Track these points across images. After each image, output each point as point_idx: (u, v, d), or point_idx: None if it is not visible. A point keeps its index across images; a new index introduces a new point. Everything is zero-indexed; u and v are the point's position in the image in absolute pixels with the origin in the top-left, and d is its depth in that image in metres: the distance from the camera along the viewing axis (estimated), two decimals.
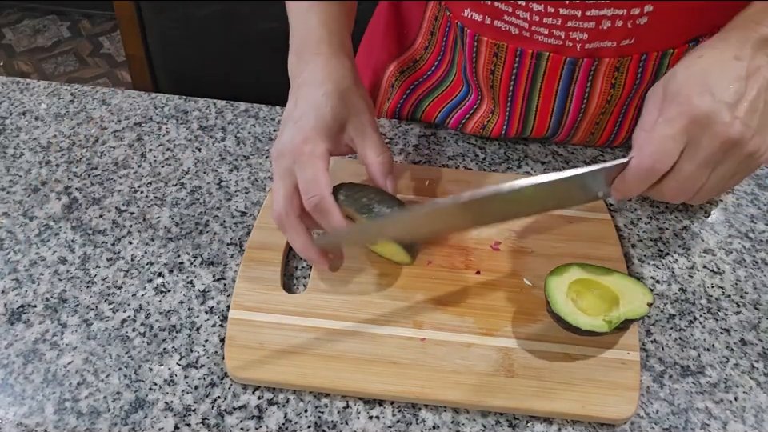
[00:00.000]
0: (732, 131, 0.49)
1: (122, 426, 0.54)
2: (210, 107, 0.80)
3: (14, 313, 0.61)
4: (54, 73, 2.28)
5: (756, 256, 0.67)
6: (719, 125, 0.49)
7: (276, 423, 0.55)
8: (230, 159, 0.74)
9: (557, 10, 0.61)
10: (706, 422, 0.56)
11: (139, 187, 0.71)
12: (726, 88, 0.49)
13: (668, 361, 0.59)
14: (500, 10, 0.64)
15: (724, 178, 0.52)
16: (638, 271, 0.66)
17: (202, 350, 0.59)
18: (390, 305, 0.60)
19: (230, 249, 0.66)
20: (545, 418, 0.55)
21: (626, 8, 0.60)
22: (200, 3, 1.11)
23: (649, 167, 0.51)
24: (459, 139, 0.78)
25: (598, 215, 0.68)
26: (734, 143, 0.50)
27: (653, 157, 0.50)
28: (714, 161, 0.51)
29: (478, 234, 0.66)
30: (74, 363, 0.57)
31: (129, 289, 0.63)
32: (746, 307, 0.63)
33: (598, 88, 0.68)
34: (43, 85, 0.82)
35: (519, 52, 0.67)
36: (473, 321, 0.60)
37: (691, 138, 0.50)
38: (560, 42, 0.64)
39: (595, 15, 0.61)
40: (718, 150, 0.50)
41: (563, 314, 0.56)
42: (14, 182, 0.71)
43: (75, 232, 0.67)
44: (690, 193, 0.53)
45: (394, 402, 0.56)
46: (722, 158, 0.50)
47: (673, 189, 0.53)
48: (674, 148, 0.50)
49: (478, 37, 0.68)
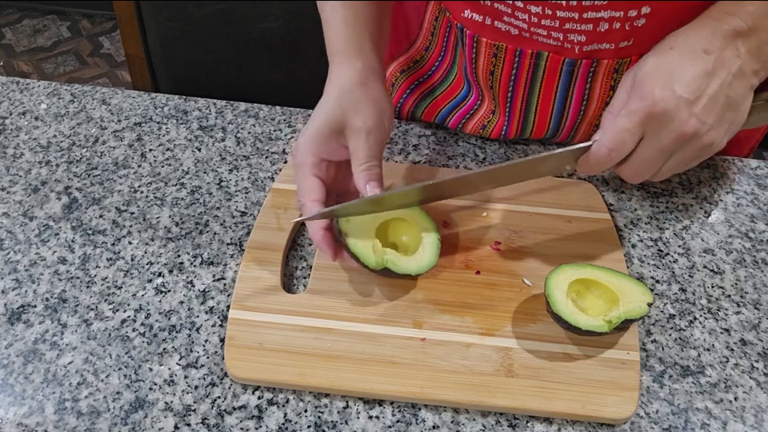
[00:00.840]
0: (687, 127, 0.52)
1: (121, 426, 0.54)
2: (209, 107, 0.80)
3: (14, 313, 0.61)
4: (54, 73, 2.28)
5: (756, 256, 0.67)
6: (676, 121, 0.52)
7: (276, 423, 0.55)
8: (230, 159, 0.74)
9: (554, 12, 0.61)
10: (706, 422, 0.56)
11: (139, 187, 0.71)
12: (688, 84, 0.52)
13: (668, 361, 0.59)
14: (500, 11, 0.64)
15: (681, 163, 0.55)
16: (638, 271, 0.66)
17: (201, 350, 0.59)
18: (390, 305, 0.60)
19: (230, 249, 0.66)
20: (545, 418, 0.55)
21: (623, 10, 0.60)
22: (200, 3, 1.11)
23: (605, 155, 0.54)
24: (459, 139, 0.78)
25: (597, 215, 0.68)
26: (689, 137, 0.53)
27: (609, 146, 0.54)
28: (669, 150, 0.54)
29: (478, 233, 0.66)
30: (73, 363, 0.57)
31: (129, 289, 0.63)
32: (746, 307, 0.63)
33: (598, 89, 0.68)
34: (43, 85, 0.82)
35: (518, 52, 0.67)
36: (473, 321, 0.60)
37: (649, 130, 0.53)
38: (558, 43, 0.64)
39: (593, 17, 0.61)
40: (673, 141, 0.53)
41: (563, 314, 0.56)
42: (13, 182, 0.71)
43: (75, 232, 0.67)
44: (646, 176, 0.56)
45: (394, 402, 0.56)
46: (678, 147, 0.53)
47: (630, 172, 0.56)
48: (630, 140, 0.53)
49: (477, 38, 0.68)
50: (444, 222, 0.67)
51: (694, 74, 0.52)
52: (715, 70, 0.52)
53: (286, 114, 0.79)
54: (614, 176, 0.74)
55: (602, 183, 0.73)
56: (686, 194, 0.73)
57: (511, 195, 0.70)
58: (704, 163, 0.76)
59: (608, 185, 0.73)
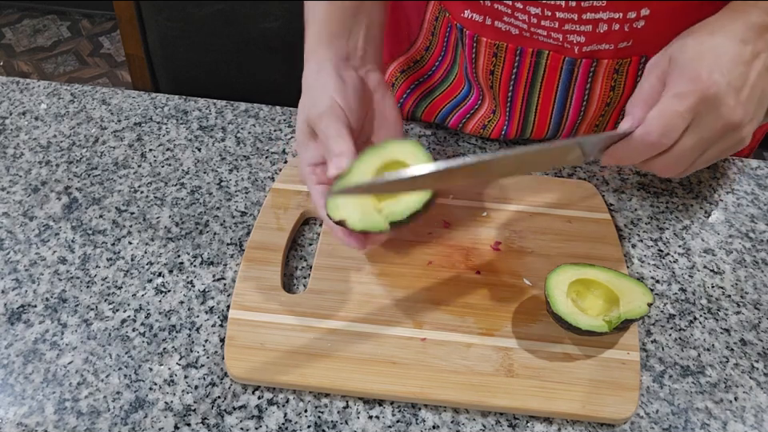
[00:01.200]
0: (734, 115, 0.49)
1: (121, 425, 0.54)
2: (209, 107, 0.80)
3: (14, 313, 0.61)
4: (53, 73, 2.28)
5: (756, 256, 0.67)
6: (725, 107, 0.49)
7: (276, 423, 0.55)
8: (230, 159, 0.74)
9: (554, 13, 0.61)
10: (706, 422, 0.56)
11: (139, 187, 0.71)
12: (733, 71, 0.49)
13: (668, 361, 0.59)
14: (499, 12, 0.64)
15: (714, 156, 0.53)
16: (638, 271, 0.66)
17: (201, 350, 0.59)
18: (390, 305, 0.60)
19: (230, 249, 0.66)
20: (545, 417, 0.55)
21: (622, 11, 0.60)
22: (200, 3, 1.11)
23: (655, 141, 0.50)
24: (459, 139, 0.78)
25: (598, 215, 0.68)
26: (733, 127, 0.50)
27: (660, 131, 0.50)
28: (712, 140, 0.51)
29: (478, 233, 0.66)
30: (74, 363, 0.57)
31: (129, 289, 0.63)
32: (746, 307, 0.63)
33: (598, 90, 0.68)
34: (43, 85, 0.82)
35: (519, 51, 0.67)
36: (473, 321, 0.60)
37: (697, 117, 0.50)
38: (558, 43, 0.64)
39: (592, 19, 0.61)
40: (718, 131, 0.50)
41: (563, 314, 0.56)
42: (13, 182, 0.71)
43: (75, 232, 0.67)
44: (679, 169, 0.53)
45: (394, 402, 0.56)
46: (719, 139, 0.51)
47: (664, 163, 0.52)
48: (682, 125, 0.50)
49: (477, 37, 0.68)
50: (444, 222, 0.67)
51: (738, 62, 0.50)
52: (753, 60, 0.50)
53: (285, 114, 0.79)
54: (614, 176, 0.74)
55: (602, 183, 0.73)
56: (686, 194, 0.73)
57: (511, 195, 0.70)
58: None
59: (608, 185, 0.73)
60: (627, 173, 0.74)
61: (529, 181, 0.71)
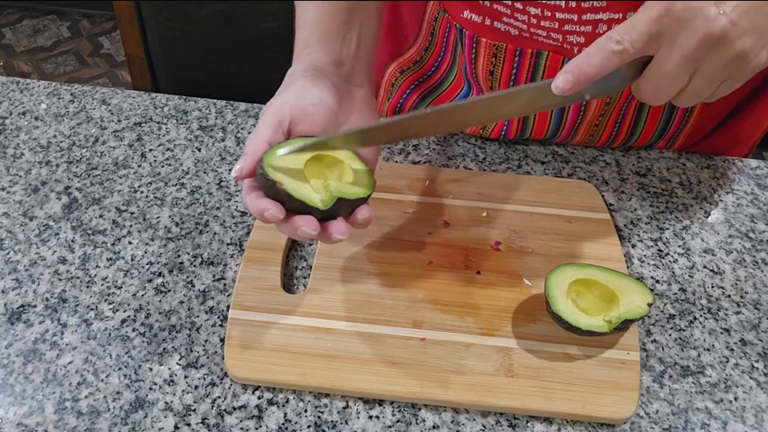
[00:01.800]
0: (714, 27, 0.44)
1: (121, 425, 0.54)
2: (209, 107, 0.80)
3: (14, 313, 0.61)
4: (53, 73, 2.28)
5: (756, 256, 0.67)
6: (699, 19, 0.44)
7: (276, 423, 0.55)
8: (230, 159, 0.74)
9: (553, 13, 0.61)
10: (706, 422, 0.56)
11: (139, 187, 0.71)
12: None
13: (668, 361, 0.59)
14: (499, 12, 0.64)
15: (711, 81, 0.48)
16: (638, 271, 0.66)
17: (201, 350, 0.59)
18: (390, 305, 0.60)
19: (230, 249, 0.66)
20: (545, 417, 0.55)
21: (621, 12, 0.60)
22: (200, 3, 1.11)
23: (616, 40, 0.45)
24: (459, 139, 0.78)
25: (597, 215, 0.68)
26: (716, 40, 0.45)
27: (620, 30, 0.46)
28: (694, 59, 0.46)
29: (478, 233, 0.66)
30: (73, 363, 0.57)
31: (129, 289, 0.63)
32: (746, 307, 0.63)
33: None
34: (43, 85, 0.82)
35: (519, 52, 0.67)
36: (473, 321, 0.60)
37: (666, 31, 0.46)
38: (558, 43, 0.64)
39: (592, 19, 0.61)
40: (696, 46, 0.45)
41: (563, 314, 0.56)
42: (13, 182, 0.72)
43: (75, 232, 0.67)
44: (670, 93, 0.49)
45: (394, 402, 0.56)
46: (704, 56, 0.46)
47: (650, 87, 0.48)
48: (644, 30, 0.46)
49: (477, 38, 0.68)
50: (444, 222, 0.67)
51: None
52: None
53: None
54: (614, 176, 0.74)
55: (602, 183, 0.73)
56: (686, 194, 0.73)
57: (511, 195, 0.70)
58: (704, 163, 0.76)
59: (608, 185, 0.73)
60: (627, 173, 0.75)
61: (529, 181, 0.71)
